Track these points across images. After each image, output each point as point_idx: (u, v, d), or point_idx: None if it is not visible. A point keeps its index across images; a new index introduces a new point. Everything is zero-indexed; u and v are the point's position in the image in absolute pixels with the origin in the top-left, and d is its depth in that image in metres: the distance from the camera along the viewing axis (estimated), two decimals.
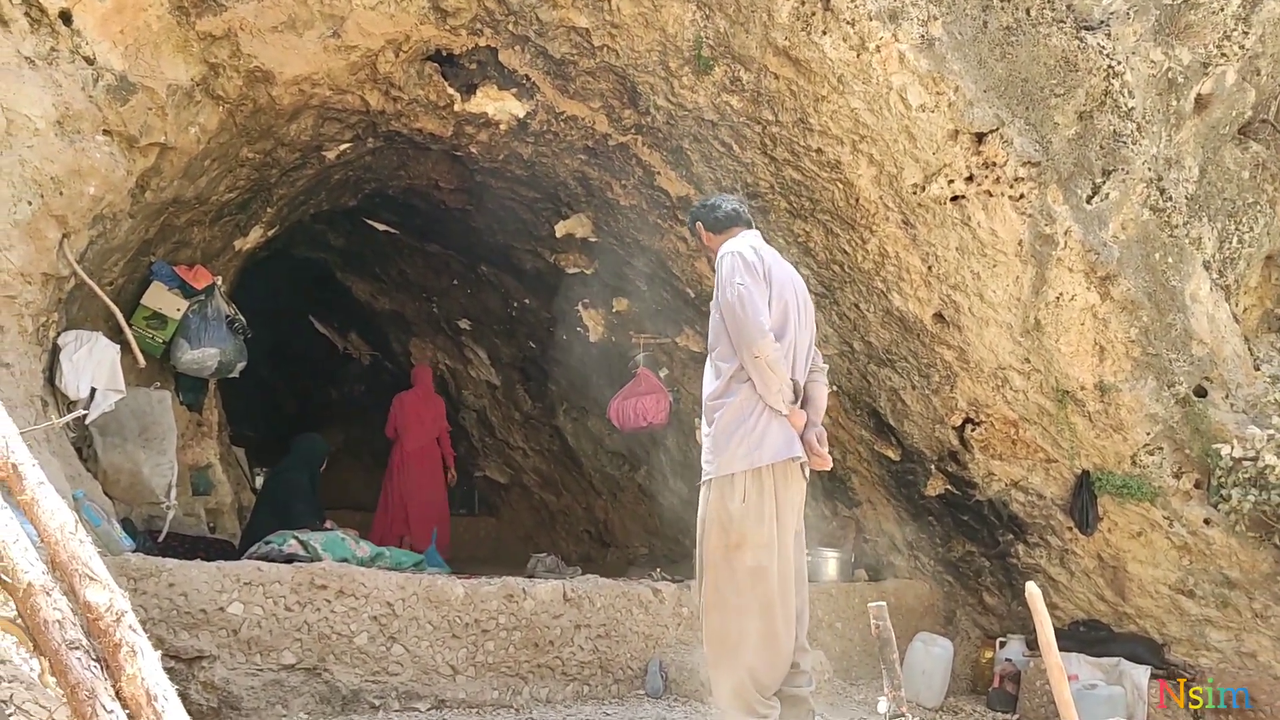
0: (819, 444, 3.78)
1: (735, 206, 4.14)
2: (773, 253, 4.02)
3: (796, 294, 3.94)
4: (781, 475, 3.71)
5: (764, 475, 3.67)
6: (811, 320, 4.02)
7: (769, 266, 3.84)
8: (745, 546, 3.65)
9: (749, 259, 3.80)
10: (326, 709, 4.45)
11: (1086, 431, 5.63)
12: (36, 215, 4.70)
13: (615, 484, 9.53)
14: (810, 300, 4.10)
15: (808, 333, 3.97)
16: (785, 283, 3.88)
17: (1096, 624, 5.96)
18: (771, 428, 3.70)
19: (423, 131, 6.46)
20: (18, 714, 2.08)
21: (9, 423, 2.20)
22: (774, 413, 3.72)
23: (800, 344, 3.89)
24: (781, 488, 3.70)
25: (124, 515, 5.72)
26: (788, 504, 3.73)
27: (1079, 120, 5.25)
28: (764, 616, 3.63)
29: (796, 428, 3.76)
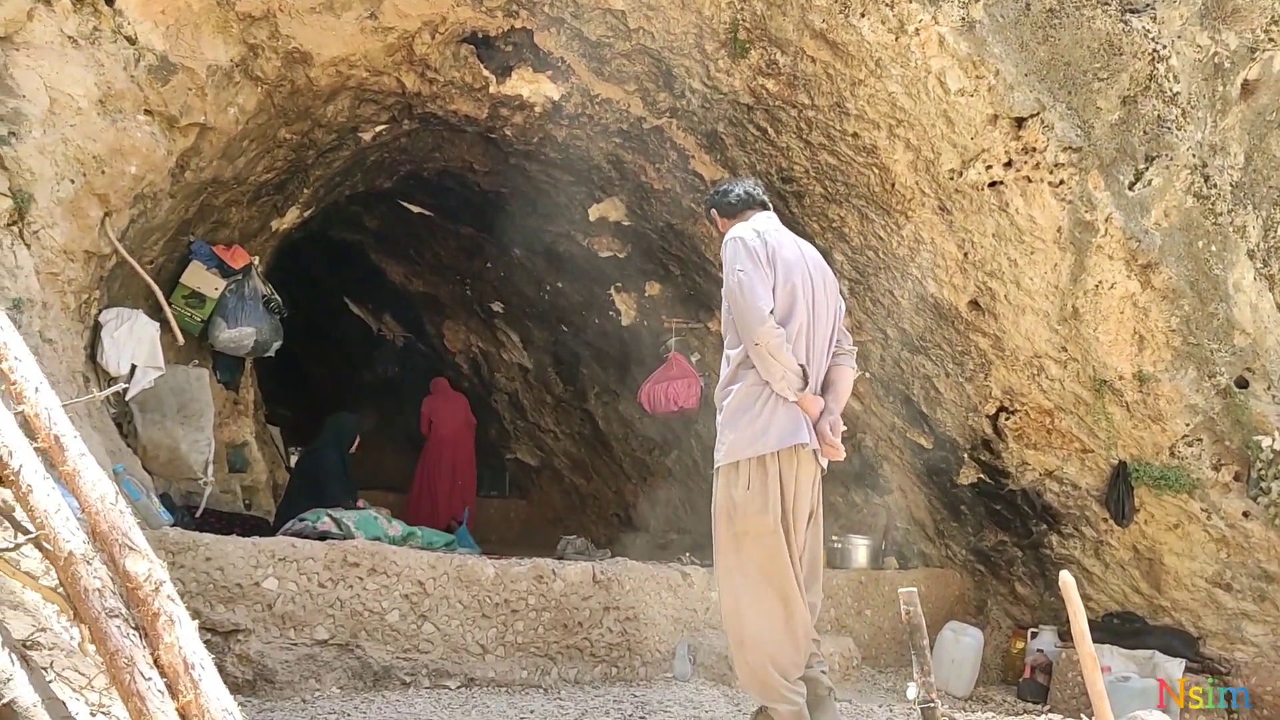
0: (831, 433, 3.68)
1: (748, 189, 4.07)
2: (785, 235, 3.89)
3: (811, 277, 3.80)
4: (788, 462, 3.65)
5: (768, 462, 3.63)
6: (834, 302, 3.90)
7: (773, 250, 3.73)
8: (751, 534, 3.64)
9: (750, 244, 3.72)
10: (358, 684, 4.50)
11: (1124, 422, 5.56)
12: (79, 194, 4.76)
13: (645, 468, 9.55)
14: (834, 281, 3.96)
15: (829, 316, 3.84)
16: (795, 265, 3.75)
17: (1131, 616, 5.90)
18: (778, 414, 3.64)
19: (458, 114, 6.47)
20: (58, 680, 2.13)
21: (52, 395, 2.24)
22: (781, 399, 3.67)
23: (818, 328, 3.77)
24: (788, 474, 3.65)
25: (162, 490, 5.81)
26: (798, 490, 3.68)
27: (1122, 105, 5.17)
28: (777, 602, 3.62)
29: (811, 414, 3.68)
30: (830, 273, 3.96)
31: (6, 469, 2.09)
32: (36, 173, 4.56)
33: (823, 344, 3.80)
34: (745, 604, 3.65)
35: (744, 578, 3.66)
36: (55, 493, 2.08)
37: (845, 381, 3.84)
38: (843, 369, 3.86)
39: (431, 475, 9.84)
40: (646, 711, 4.42)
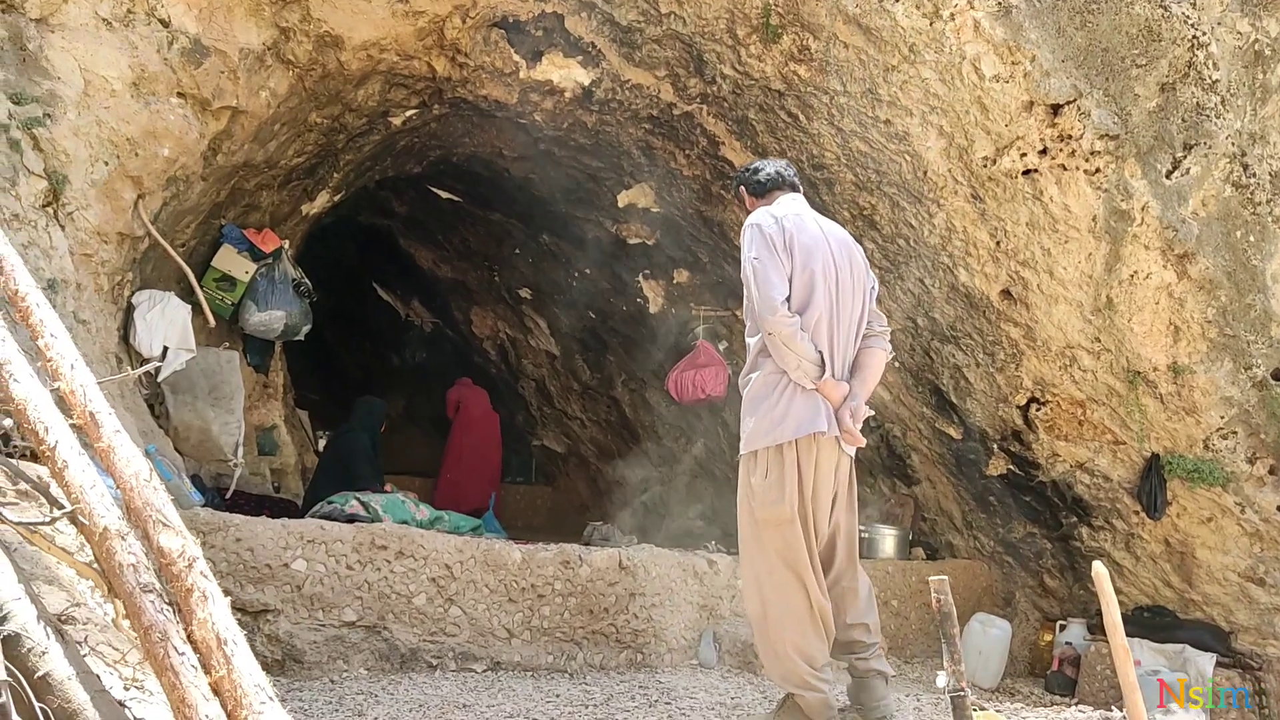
0: (851, 420, 3.63)
1: (778, 169, 4.02)
2: (808, 218, 3.82)
3: (834, 259, 3.73)
4: (807, 450, 3.63)
5: (785, 451, 3.62)
6: (864, 283, 3.83)
7: (791, 235, 3.67)
8: (770, 523, 3.65)
9: (766, 230, 3.68)
10: (385, 666, 4.52)
11: (1157, 414, 5.50)
12: (113, 176, 4.80)
13: (672, 456, 9.54)
14: (862, 261, 3.89)
15: (855, 298, 3.78)
16: (815, 250, 3.68)
17: (1161, 610, 5.84)
18: (796, 402, 3.62)
19: (488, 99, 6.47)
20: (92, 654, 2.15)
21: (87, 372, 2.25)
22: (800, 386, 3.64)
23: (842, 312, 3.72)
24: (806, 462, 3.63)
25: (193, 471, 5.87)
26: (818, 478, 3.65)
27: (1160, 92, 5.09)
28: (798, 590, 3.63)
29: (833, 401, 3.64)
30: (859, 253, 3.91)
31: (43, 444, 2.11)
32: (71, 155, 4.60)
33: (848, 328, 3.74)
34: (767, 591, 3.67)
35: (765, 565, 3.68)
36: (90, 469, 2.09)
37: (874, 364, 3.79)
38: (873, 351, 3.81)
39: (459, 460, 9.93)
40: (672, 698, 4.42)
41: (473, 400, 10.31)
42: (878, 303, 4.02)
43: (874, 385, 3.81)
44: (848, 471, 3.80)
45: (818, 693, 3.60)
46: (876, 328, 3.87)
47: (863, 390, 3.70)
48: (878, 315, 3.90)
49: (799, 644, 3.60)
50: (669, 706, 4.23)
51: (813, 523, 3.65)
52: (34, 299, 2.33)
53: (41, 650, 1.98)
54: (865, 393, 3.71)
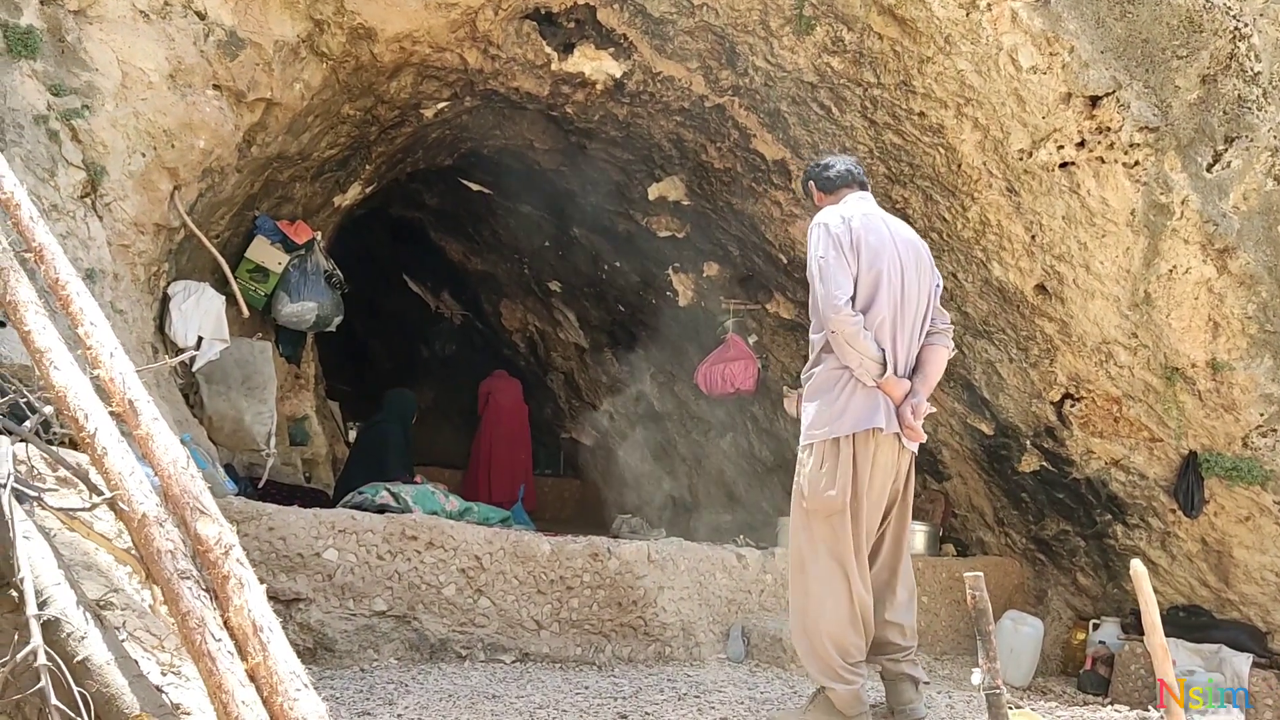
0: (911, 416, 3.67)
1: (848, 167, 4.05)
2: (875, 218, 3.85)
3: (900, 259, 3.76)
4: (863, 445, 3.67)
5: (842, 445, 3.67)
6: (928, 282, 3.86)
7: (858, 236, 3.70)
8: (820, 514, 3.70)
9: (833, 230, 3.71)
10: (415, 655, 4.54)
11: (1195, 411, 5.42)
12: (150, 167, 4.85)
13: (701, 449, 9.52)
14: (928, 259, 3.91)
15: (920, 297, 3.81)
16: (881, 251, 3.72)
17: (1197, 610, 5.77)
18: (855, 398, 3.67)
19: (519, 91, 6.47)
20: (130, 640, 2.17)
21: (126, 361, 2.27)
22: (862, 383, 3.69)
23: (906, 311, 3.75)
24: (863, 457, 3.67)
25: (227, 461, 5.92)
26: (874, 474, 3.69)
27: (1201, 84, 5.01)
28: (841, 583, 3.66)
29: (894, 397, 3.68)
30: (924, 251, 3.93)
31: (82, 431, 2.13)
32: (108, 146, 4.65)
33: (912, 327, 3.78)
34: (810, 581, 3.72)
35: (812, 555, 3.71)
36: (129, 456, 2.11)
37: (935, 362, 3.83)
38: (936, 349, 3.84)
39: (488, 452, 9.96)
40: (700, 692, 4.41)
41: (503, 392, 10.30)
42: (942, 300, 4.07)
43: (935, 382, 3.85)
44: (907, 470, 3.84)
45: (848, 685, 3.63)
46: (940, 325, 3.90)
47: (924, 387, 3.75)
48: (941, 313, 3.95)
49: (835, 635, 3.64)
50: (698, 700, 4.22)
51: (865, 518, 3.70)
52: (74, 287, 2.36)
53: (81, 635, 2.01)
54: (926, 389, 3.76)
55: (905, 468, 3.83)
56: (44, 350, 2.23)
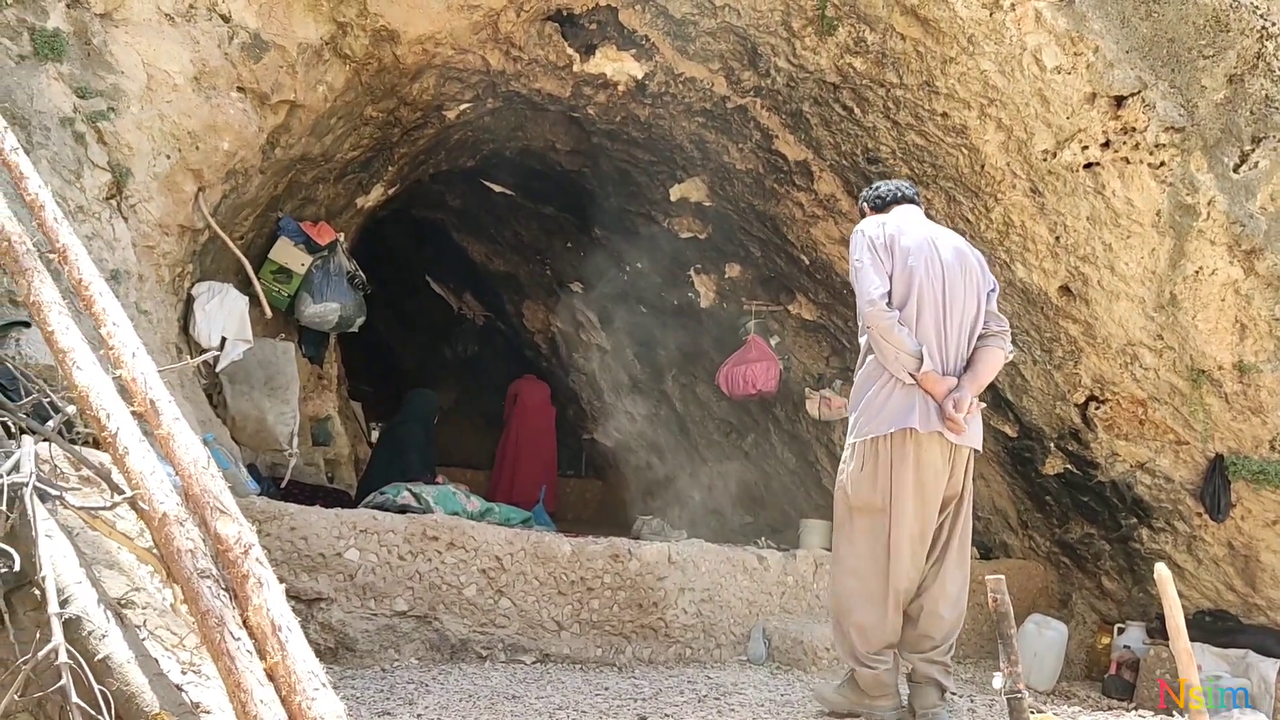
0: (953, 409, 3.71)
1: (897, 185, 4.22)
2: (914, 224, 3.97)
3: (941, 261, 3.86)
4: (900, 445, 3.75)
5: (880, 446, 3.78)
6: (979, 285, 3.94)
7: (892, 237, 3.84)
8: (862, 511, 3.84)
9: (868, 233, 3.88)
10: (436, 656, 4.56)
11: (1222, 413, 5.36)
12: (174, 169, 4.89)
13: (722, 451, 9.50)
14: (978, 265, 3.99)
15: (966, 299, 3.89)
16: (916, 251, 3.83)
17: (1223, 614, 5.70)
18: (893, 398, 3.77)
19: (541, 92, 6.48)
20: (150, 639, 2.18)
21: (148, 361, 2.29)
22: (901, 382, 3.77)
23: (952, 310, 3.83)
24: (900, 457, 3.75)
25: (249, 461, 5.96)
26: (919, 471, 3.75)
27: (1228, 84, 4.95)
28: (876, 577, 3.79)
29: (936, 393, 3.74)
30: (973, 257, 4.02)
31: (104, 431, 2.15)
32: (134, 148, 4.69)
33: (960, 327, 3.87)
34: (845, 573, 3.89)
35: (851, 548, 3.89)
36: (150, 455, 2.13)
37: (987, 361, 3.90)
38: (988, 349, 3.92)
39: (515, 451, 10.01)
40: (721, 693, 4.40)
41: (530, 393, 10.36)
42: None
43: (986, 380, 3.90)
44: (964, 467, 3.88)
45: (871, 670, 3.78)
46: (994, 328, 3.98)
47: (971, 384, 3.80)
48: (996, 317, 4.01)
49: (863, 622, 3.80)
50: (718, 702, 4.21)
51: (911, 517, 3.75)
52: (97, 288, 2.38)
53: (102, 633, 2.02)
54: (974, 386, 3.81)
55: (962, 465, 3.87)
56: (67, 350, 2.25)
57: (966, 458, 3.89)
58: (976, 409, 3.86)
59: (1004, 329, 3.99)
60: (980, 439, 3.93)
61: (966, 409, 3.73)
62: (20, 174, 2.68)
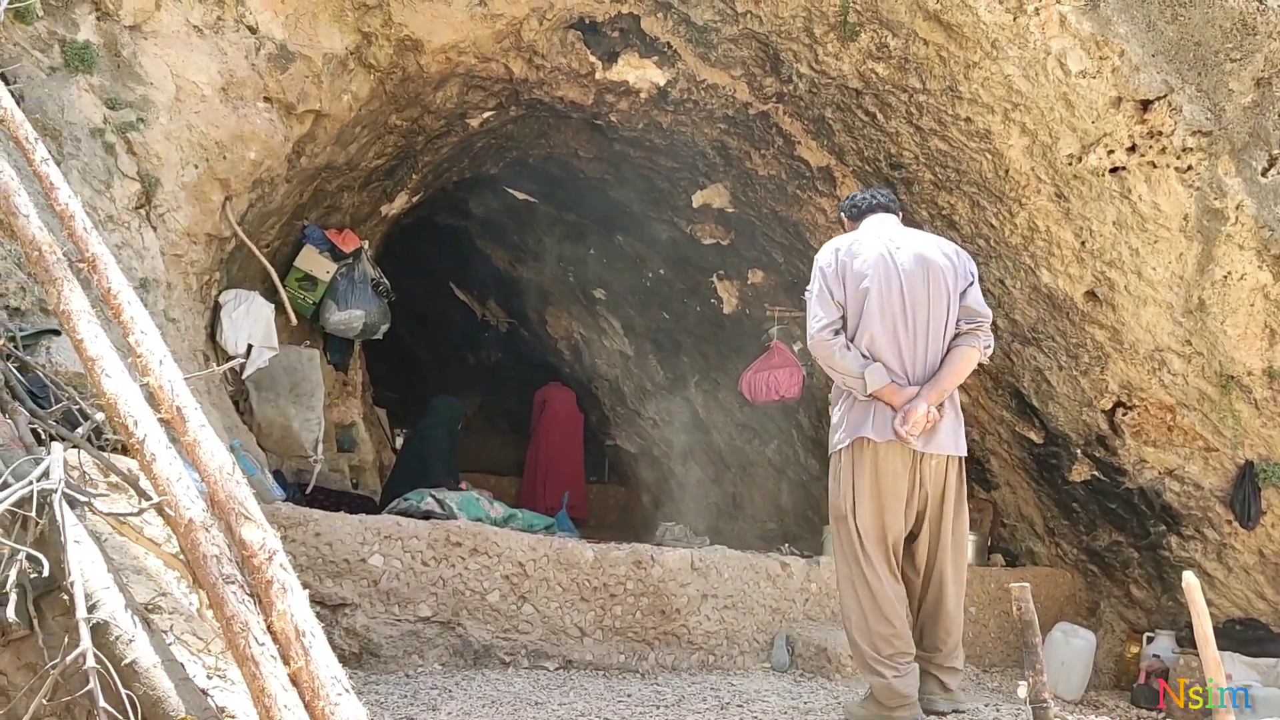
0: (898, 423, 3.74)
1: (872, 193, 4.26)
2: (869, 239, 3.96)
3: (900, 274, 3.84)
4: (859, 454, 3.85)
5: (843, 456, 3.91)
6: (947, 288, 3.89)
7: (843, 263, 3.90)
8: (837, 519, 3.96)
9: (822, 266, 3.97)
10: (460, 661, 4.57)
11: (1252, 420, 5.30)
12: (202, 178, 4.94)
13: (745, 457, 9.49)
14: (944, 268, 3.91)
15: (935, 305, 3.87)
16: (868, 271, 3.84)
17: (1254, 623, 5.63)
18: (853, 411, 3.88)
19: (564, 100, 6.51)
20: (177, 643, 2.21)
21: (175, 368, 2.31)
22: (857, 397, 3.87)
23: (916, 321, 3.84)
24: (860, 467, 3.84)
25: (275, 467, 6.00)
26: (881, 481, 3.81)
27: (1256, 87, 4.90)
28: (859, 584, 3.85)
29: (895, 405, 3.79)
30: (943, 258, 3.94)
31: (132, 438, 2.18)
32: (163, 158, 4.75)
33: (925, 332, 3.86)
34: (842, 581, 3.98)
35: (840, 558, 3.99)
36: (177, 462, 2.15)
37: (952, 364, 3.86)
38: (958, 349, 3.89)
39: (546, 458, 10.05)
40: (744, 700, 4.39)
41: (558, 400, 10.41)
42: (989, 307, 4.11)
43: (951, 384, 3.85)
44: (941, 475, 3.87)
45: (882, 679, 3.75)
46: (965, 326, 3.92)
47: (931, 391, 3.78)
48: (971, 313, 3.94)
49: (863, 629, 3.83)
50: (741, 710, 4.20)
51: (880, 522, 3.81)
52: (125, 296, 2.41)
53: (129, 638, 2.05)
54: (935, 393, 3.78)
55: (937, 477, 3.86)
56: (95, 358, 2.28)
57: (941, 467, 3.87)
58: (952, 414, 3.87)
59: (977, 325, 3.92)
60: (957, 444, 3.89)
61: (919, 420, 3.72)
62: (51, 184, 2.71)
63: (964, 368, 3.88)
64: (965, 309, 3.93)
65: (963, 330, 3.92)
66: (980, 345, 3.90)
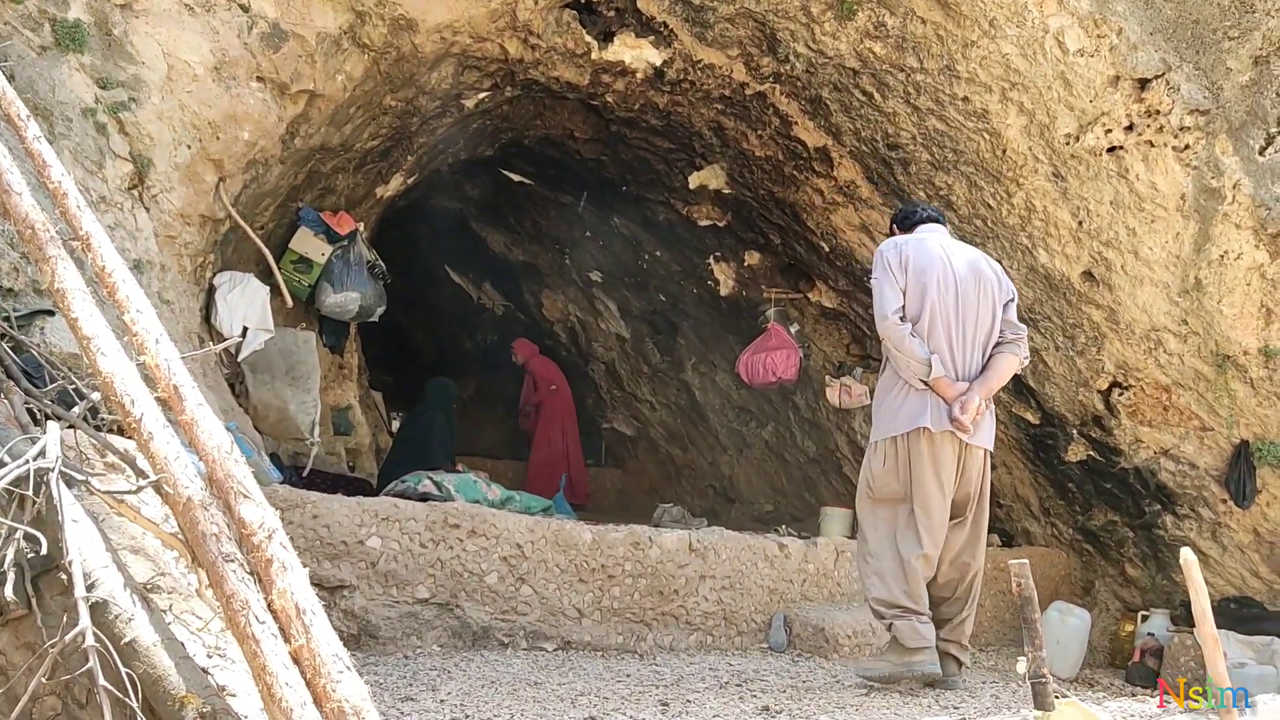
0: (960, 411, 4.02)
1: (922, 207, 4.56)
2: (931, 242, 4.23)
3: (955, 276, 4.14)
4: (915, 442, 4.10)
5: (899, 442, 4.14)
6: (995, 298, 4.21)
7: (906, 256, 4.16)
8: (885, 501, 4.23)
9: (885, 254, 4.21)
10: (458, 643, 4.57)
11: (1247, 399, 5.31)
12: (195, 159, 4.91)
13: (742, 440, 9.49)
14: (994, 279, 4.24)
15: (982, 312, 4.18)
16: (929, 269, 4.12)
17: (1249, 601, 5.66)
18: (908, 401, 4.12)
19: (559, 80, 6.47)
20: (176, 622, 2.20)
21: (171, 347, 2.30)
22: (915, 387, 4.11)
23: (966, 323, 4.14)
24: (916, 453, 4.10)
25: (271, 450, 5.98)
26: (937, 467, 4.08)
27: (1254, 65, 4.89)
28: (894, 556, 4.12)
29: (947, 397, 4.06)
30: (990, 270, 4.28)
31: (129, 416, 2.16)
32: (155, 138, 4.71)
33: (973, 337, 4.18)
34: (870, 553, 4.26)
35: (874, 533, 4.27)
36: (174, 440, 2.14)
37: (997, 367, 4.20)
38: (1001, 356, 4.22)
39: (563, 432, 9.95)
40: (742, 680, 4.40)
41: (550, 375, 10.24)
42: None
43: (996, 385, 4.20)
44: (979, 465, 4.20)
45: (906, 620, 4.04)
46: (1009, 335, 4.26)
47: (981, 387, 4.10)
48: (1013, 325, 4.28)
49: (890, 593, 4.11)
50: (739, 689, 4.21)
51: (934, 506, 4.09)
52: (120, 275, 2.39)
53: (128, 617, 2.04)
54: (984, 390, 4.11)
55: (977, 467, 4.19)
56: (90, 336, 2.26)
57: (980, 458, 4.20)
58: (988, 411, 4.16)
59: (1019, 337, 4.28)
60: (991, 439, 4.23)
61: (974, 412, 4.04)
62: (43, 162, 2.69)
63: (1007, 371, 4.25)
64: (1007, 321, 4.27)
65: (1006, 339, 4.26)
66: (1021, 354, 4.27)
